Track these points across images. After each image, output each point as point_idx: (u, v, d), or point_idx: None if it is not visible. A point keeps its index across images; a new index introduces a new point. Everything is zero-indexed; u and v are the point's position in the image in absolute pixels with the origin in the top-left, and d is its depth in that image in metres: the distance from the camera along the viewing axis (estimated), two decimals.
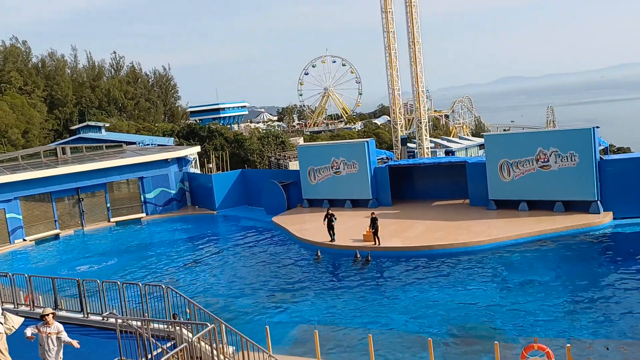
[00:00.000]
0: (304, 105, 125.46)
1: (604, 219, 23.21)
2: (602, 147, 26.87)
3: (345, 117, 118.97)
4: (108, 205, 36.05)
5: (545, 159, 24.92)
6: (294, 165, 44.92)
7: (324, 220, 24.38)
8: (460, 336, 14.53)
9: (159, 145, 47.11)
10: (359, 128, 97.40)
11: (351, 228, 25.80)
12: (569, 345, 11.27)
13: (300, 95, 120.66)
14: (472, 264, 20.28)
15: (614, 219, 23.41)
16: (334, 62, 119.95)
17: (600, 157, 24.61)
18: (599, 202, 23.86)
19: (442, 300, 17.08)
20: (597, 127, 24.98)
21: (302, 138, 77.52)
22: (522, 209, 25.59)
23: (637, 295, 16.08)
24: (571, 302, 16.07)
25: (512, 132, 42.78)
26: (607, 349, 12.63)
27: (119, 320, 10.58)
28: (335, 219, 24.39)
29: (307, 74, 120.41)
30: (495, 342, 11.74)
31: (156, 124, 76.02)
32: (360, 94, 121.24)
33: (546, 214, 24.41)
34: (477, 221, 24.83)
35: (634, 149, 57.68)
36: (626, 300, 15.85)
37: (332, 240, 24.04)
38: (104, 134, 53.87)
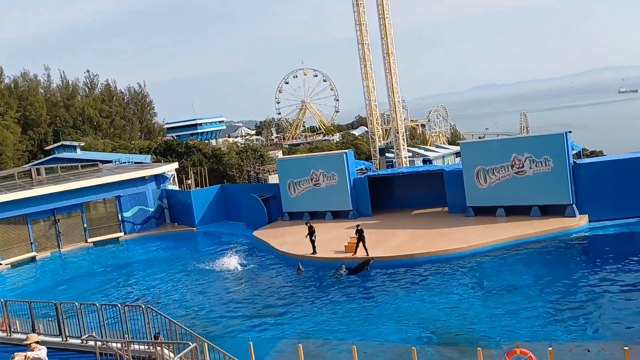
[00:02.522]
0: (281, 118, 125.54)
1: (579, 222, 23.61)
2: (575, 152, 27.43)
3: (323, 129, 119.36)
4: (85, 225, 35.48)
5: (520, 165, 25.31)
6: (273, 179, 44.84)
7: (307, 235, 24.32)
8: (443, 343, 14.58)
9: (135, 163, 46.65)
10: (337, 139, 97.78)
11: (332, 239, 25.80)
12: (550, 348, 11.37)
13: (278, 102, 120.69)
14: (453, 271, 20.42)
15: (590, 221, 23.82)
16: (316, 75, 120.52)
17: (574, 161, 25.09)
18: (574, 205, 24.28)
19: (424, 308, 17.14)
20: (570, 132, 25.47)
21: (280, 151, 77.50)
22: (499, 214, 25.91)
23: (615, 296, 16.35)
24: (551, 305, 16.26)
25: (487, 140, 43.43)
26: (588, 351, 12.78)
27: (99, 343, 10.39)
28: (314, 231, 24.29)
29: (287, 82, 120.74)
30: (478, 348, 11.80)
31: (132, 142, 75.31)
32: (337, 111, 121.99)
33: (523, 219, 24.74)
34: (456, 228, 25.05)
35: (606, 152, 58.88)
36: (605, 302, 16.10)
37: (314, 252, 24.00)
38: (79, 154, 53.19)
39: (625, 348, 10.71)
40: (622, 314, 15.08)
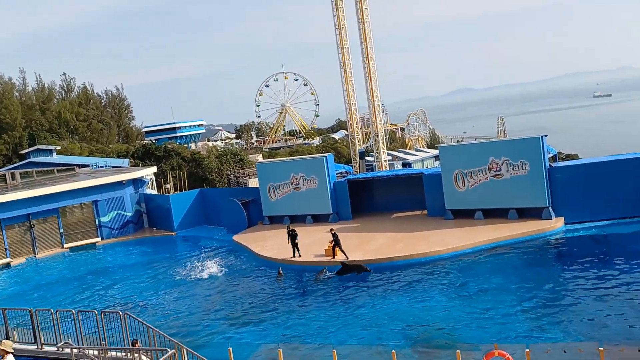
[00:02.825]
0: (261, 121, 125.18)
1: (556, 225, 23.98)
2: (551, 155, 27.83)
3: (303, 133, 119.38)
4: (61, 230, 34.91)
5: (498, 168, 25.63)
6: (253, 183, 44.68)
7: (288, 239, 24.29)
8: (422, 346, 14.66)
9: (113, 167, 46.04)
10: (318, 143, 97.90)
11: (312, 243, 25.79)
12: (528, 350, 11.53)
13: (258, 105, 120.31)
14: (432, 273, 20.56)
15: (566, 224, 24.21)
16: (296, 79, 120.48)
17: (550, 165, 25.49)
18: (550, 208, 24.65)
19: (404, 310, 17.23)
20: (546, 136, 25.89)
21: (261, 155, 77.27)
22: (477, 217, 26.18)
23: (590, 297, 16.62)
24: (529, 307, 16.47)
25: (465, 143, 43.89)
26: (565, 352, 12.96)
27: (75, 350, 10.22)
28: (296, 234, 24.32)
29: (267, 86, 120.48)
30: (457, 350, 11.90)
31: (110, 146, 74.35)
32: (317, 115, 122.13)
33: (501, 222, 25.04)
34: (435, 231, 25.25)
35: (581, 155, 59.95)
36: (581, 303, 16.36)
37: (295, 256, 23.96)
38: (55, 158, 52.28)
39: (600, 348, 10.91)
40: (598, 314, 15.34)
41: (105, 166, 45.92)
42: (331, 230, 23.68)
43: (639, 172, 23.74)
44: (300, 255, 23.99)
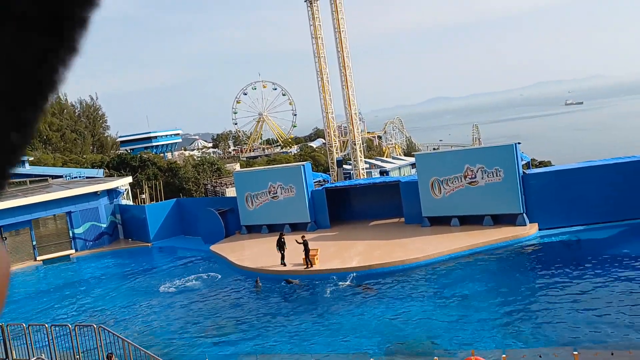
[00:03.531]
0: (238, 129, 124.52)
1: (530, 231, 24.34)
2: (524, 162, 28.29)
3: (281, 142, 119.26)
4: (34, 243, 34.21)
5: (473, 175, 25.95)
6: (231, 192, 44.44)
7: (279, 244, 24.01)
8: (400, 353, 14.72)
9: (87, 177, 45.36)
10: (295, 152, 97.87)
11: (290, 252, 25.66)
12: (504, 355, 11.67)
13: (235, 113, 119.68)
14: (409, 281, 20.69)
15: (540, 229, 24.59)
16: (275, 89, 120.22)
17: (524, 172, 25.90)
18: (524, 214, 25.03)
19: (381, 318, 17.28)
20: (519, 143, 26.32)
21: (238, 164, 76.93)
22: (454, 224, 26.44)
23: (564, 302, 16.90)
24: (504, 312, 16.67)
25: (441, 151, 44.34)
26: (540, 356, 13.14)
27: None
28: (284, 242, 24.08)
29: (245, 94, 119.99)
30: (435, 357, 11.99)
31: (84, 156, 73.27)
32: (294, 126, 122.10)
33: (476, 228, 25.32)
34: (412, 238, 25.41)
35: (554, 162, 61.05)
36: (555, 307, 16.62)
37: (282, 264, 23.73)
38: (27, 168, 51.17)
39: (575, 353, 11.09)
40: (572, 319, 15.60)
41: (79, 177, 45.21)
42: (302, 237, 23.68)
43: (611, 178, 24.29)
44: (284, 265, 23.76)
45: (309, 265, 22.93)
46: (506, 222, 25.25)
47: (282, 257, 23.85)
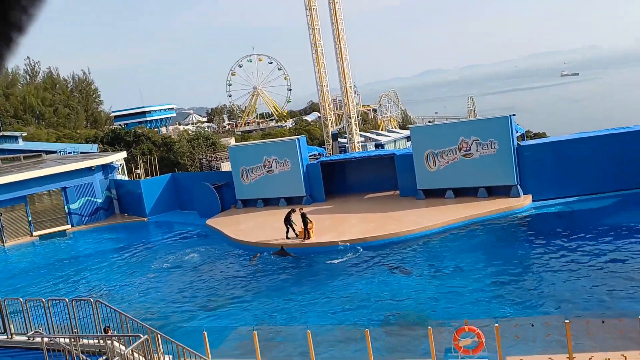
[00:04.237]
0: (232, 102, 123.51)
1: (524, 202, 24.50)
2: (519, 134, 28.33)
3: (275, 116, 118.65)
4: (29, 218, 34.24)
5: (467, 148, 25.97)
6: (226, 167, 44.40)
7: (287, 220, 23.93)
8: (395, 324, 14.94)
9: (81, 153, 45.14)
10: (290, 125, 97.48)
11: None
12: (497, 325, 11.82)
13: (230, 85, 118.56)
14: (404, 253, 20.87)
15: (533, 201, 24.74)
16: (270, 62, 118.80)
17: (518, 143, 25.93)
18: (518, 186, 25.15)
19: (376, 290, 17.47)
20: (514, 115, 26.28)
21: (233, 138, 76.63)
22: (448, 196, 26.57)
23: (557, 272, 17.10)
24: (498, 283, 16.88)
25: (435, 124, 44.23)
26: (532, 325, 13.35)
27: (46, 339, 10.13)
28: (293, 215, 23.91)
29: (241, 66, 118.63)
30: (429, 327, 12.15)
31: (78, 131, 72.79)
32: (289, 101, 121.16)
33: (471, 200, 25.47)
34: (407, 211, 25.55)
35: (549, 134, 61.05)
36: (547, 277, 16.83)
37: (287, 237, 23.77)
38: (21, 144, 50.85)
39: (566, 321, 11.24)
40: (564, 289, 15.82)
41: (74, 152, 45.00)
42: (300, 209, 23.78)
43: (605, 149, 24.37)
44: (288, 238, 23.64)
45: (306, 237, 23.07)
46: (500, 194, 25.38)
47: (287, 231, 23.89)
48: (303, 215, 23.23)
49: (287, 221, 23.91)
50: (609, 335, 12.07)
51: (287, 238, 23.80)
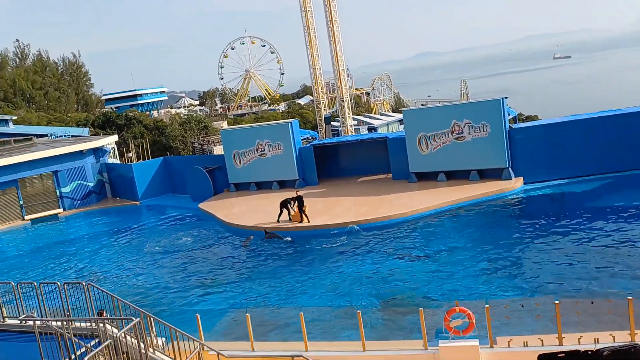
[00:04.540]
0: (224, 85, 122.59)
1: (515, 185, 24.62)
2: (511, 117, 28.35)
3: (268, 99, 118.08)
4: (21, 202, 34.09)
5: (460, 131, 25.99)
6: (218, 150, 44.26)
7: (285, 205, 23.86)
8: (387, 305, 15.06)
9: (72, 136, 44.80)
10: (283, 109, 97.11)
11: (279, 209, 25.83)
12: (487, 306, 11.94)
13: (222, 67, 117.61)
14: (396, 235, 20.98)
15: (525, 183, 24.88)
16: (263, 45, 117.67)
17: (510, 126, 25.98)
18: (510, 168, 25.25)
19: (369, 272, 17.59)
20: (506, 98, 26.29)
21: (225, 122, 76.29)
22: (440, 179, 26.65)
23: (547, 254, 17.26)
24: (488, 265, 17.02)
25: (428, 107, 44.19)
26: (522, 306, 13.48)
27: (38, 322, 10.14)
28: (289, 202, 23.84)
29: (233, 48, 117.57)
30: (420, 308, 12.24)
31: (69, 114, 72.17)
32: (281, 85, 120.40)
33: (463, 183, 25.57)
34: (399, 194, 25.63)
35: (541, 117, 61.14)
36: (537, 259, 16.99)
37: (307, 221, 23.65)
38: (11, 128, 50.37)
39: (556, 302, 11.36)
40: (553, 270, 15.98)
41: (65, 135, 44.66)
42: (297, 191, 23.83)
43: (596, 131, 24.46)
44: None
45: (302, 220, 23.11)
46: (492, 177, 25.48)
47: (280, 214, 23.86)
48: (300, 198, 23.25)
49: (284, 205, 23.89)
50: (598, 316, 12.22)
51: (278, 221, 23.83)
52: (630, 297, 10.69)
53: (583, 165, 24.45)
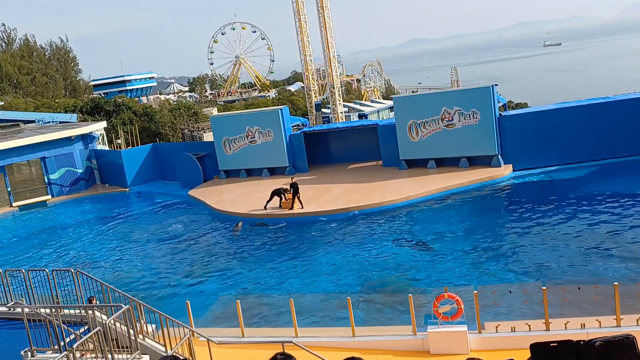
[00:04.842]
0: (214, 70, 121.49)
1: (504, 172, 24.75)
2: (501, 104, 28.40)
3: (258, 85, 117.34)
4: (9, 189, 33.75)
5: (450, 118, 26.03)
6: (208, 137, 43.99)
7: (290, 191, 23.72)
8: (376, 292, 15.16)
9: (60, 122, 44.33)
10: (273, 96, 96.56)
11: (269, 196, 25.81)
12: (476, 292, 12.05)
13: (212, 52, 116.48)
14: (386, 222, 21.06)
15: (514, 170, 25.02)
16: (254, 32, 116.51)
17: (500, 114, 26.04)
18: (499, 156, 25.36)
19: (359, 259, 17.67)
20: (496, 85, 26.34)
21: (215, 108, 75.78)
22: (430, 167, 26.72)
23: (535, 240, 17.43)
24: (477, 251, 17.16)
25: (418, 94, 44.17)
26: (510, 292, 13.64)
27: (27, 309, 10.09)
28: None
29: (224, 33, 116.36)
30: (409, 294, 12.34)
31: (57, 100, 71.34)
32: (272, 72, 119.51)
33: (452, 170, 25.66)
34: (389, 181, 25.68)
35: (531, 104, 61.35)
36: (526, 245, 17.14)
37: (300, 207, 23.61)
38: None
39: (543, 288, 11.49)
40: (541, 256, 16.14)
41: (52, 122, 44.20)
42: (292, 178, 23.80)
43: (584, 119, 24.60)
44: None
45: (292, 207, 23.09)
46: (482, 164, 25.59)
47: (269, 201, 23.81)
48: (295, 185, 23.19)
49: (277, 193, 23.77)
50: (585, 301, 12.38)
51: (265, 208, 23.79)
52: (616, 283, 10.83)
53: (572, 153, 24.62)
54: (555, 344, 2.09)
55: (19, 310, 11.19)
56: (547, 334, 11.01)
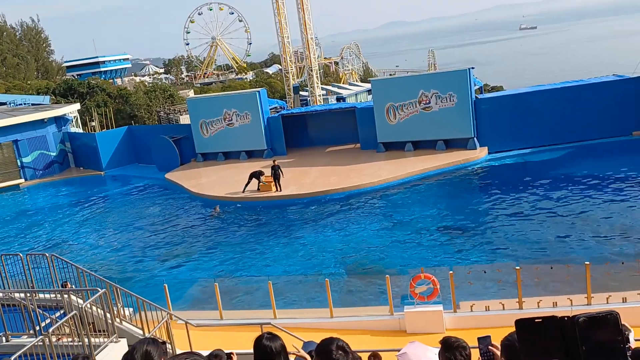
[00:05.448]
0: (190, 51, 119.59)
1: (480, 154, 25.04)
2: (477, 87, 28.63)
3: (235, 68, 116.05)
4: None
5: (427, 101, 26.16)
6: (185, 119, 43.49)
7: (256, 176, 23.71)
8: (354, 273, 15.31)
9: (33, 104, 43.37)
10: (251, 78, 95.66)
11: (246, 179, 25.72)
12: (451, 272, 12.26)
13: (188, 32, 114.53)
14: (364, 205, 21.21)
15: (489, 153, 25.33)
16: (232, 13, 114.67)
17: (476, 97, 26.26)
18: (475, 138, 25.62)
19: (336, 241, 17.80)
20: (473, 68, 26.52)
21: (192, 90, 74.84)
22: (407, 149, 26.88)
23: (509, 221, 17.75)
24: (453, 232, 17.42)
25: (396, 77, 44.19)
26: (485, 272, 13.89)
27: (0, 294, 9.96)
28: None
29: (200, 14, 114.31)
30: (387, 275, 12.49)
31: (28, 82, 69.64)
32: (249, 55, 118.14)
33: (429, 153, 25.88)
34: (367, 164, 25.80)
35: (506, 87, 61.90)
36: (500, 226, 17.46)
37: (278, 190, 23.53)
38: None
39: (517, 267, 11.74)
40: (515, 237, 16.47)
41: (24, 104, 43.19)
42: (274, 161, 23.74)
43: (558, 102, 24.96)
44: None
45: (276, 189, 23.08)
46: (458, 147, 25.84)
47: (247, 185, 23.73)
48: (277, 168, 23.11)
49: (255, 176, 23.70)
50: (557, 280, 12.70)
51: (243, 192, 23.73)
52: (587, 263, 11.12)
53: (546, 135, 24.99)
54: (540, 320, 2.18)
55: None
56: (521, 312, 11.28)
